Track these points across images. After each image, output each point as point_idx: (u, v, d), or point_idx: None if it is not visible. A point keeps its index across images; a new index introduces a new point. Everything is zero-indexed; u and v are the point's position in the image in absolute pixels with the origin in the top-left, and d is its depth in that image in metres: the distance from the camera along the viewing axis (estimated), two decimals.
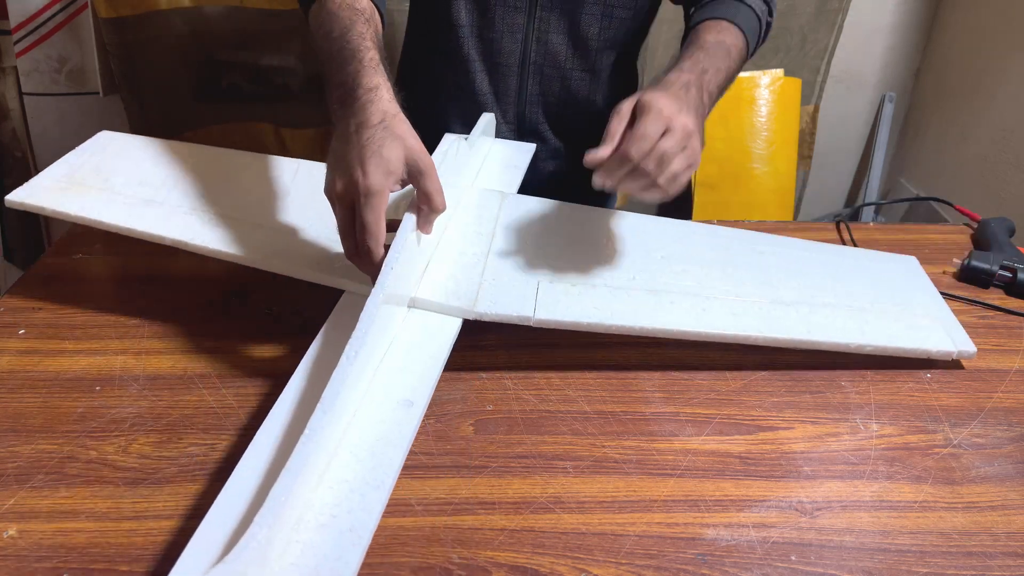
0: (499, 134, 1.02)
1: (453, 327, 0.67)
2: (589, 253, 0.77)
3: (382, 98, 0.63)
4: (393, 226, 0.64)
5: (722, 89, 0.75)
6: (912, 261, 0.87)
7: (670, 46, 1.82)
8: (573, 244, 0.78)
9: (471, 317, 0.68)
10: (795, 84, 2.00)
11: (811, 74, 2.02)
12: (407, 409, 0.58)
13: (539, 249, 0.76)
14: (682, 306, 0.71)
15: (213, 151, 0.87)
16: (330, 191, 0.62)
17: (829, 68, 2.02)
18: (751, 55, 0.83)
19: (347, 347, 0.55)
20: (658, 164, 0.64)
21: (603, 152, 0.64)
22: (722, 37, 0.78)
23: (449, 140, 0.87)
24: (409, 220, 0.64)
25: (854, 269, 0.83)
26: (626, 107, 0.66)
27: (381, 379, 0.60)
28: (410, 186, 0.64)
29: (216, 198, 0.78)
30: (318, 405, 0.51)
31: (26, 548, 0.52)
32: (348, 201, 0.60)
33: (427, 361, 0.63)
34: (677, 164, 0.64)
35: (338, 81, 0.66)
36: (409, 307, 0.68)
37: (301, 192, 0.82)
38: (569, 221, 0.83)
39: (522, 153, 0.97)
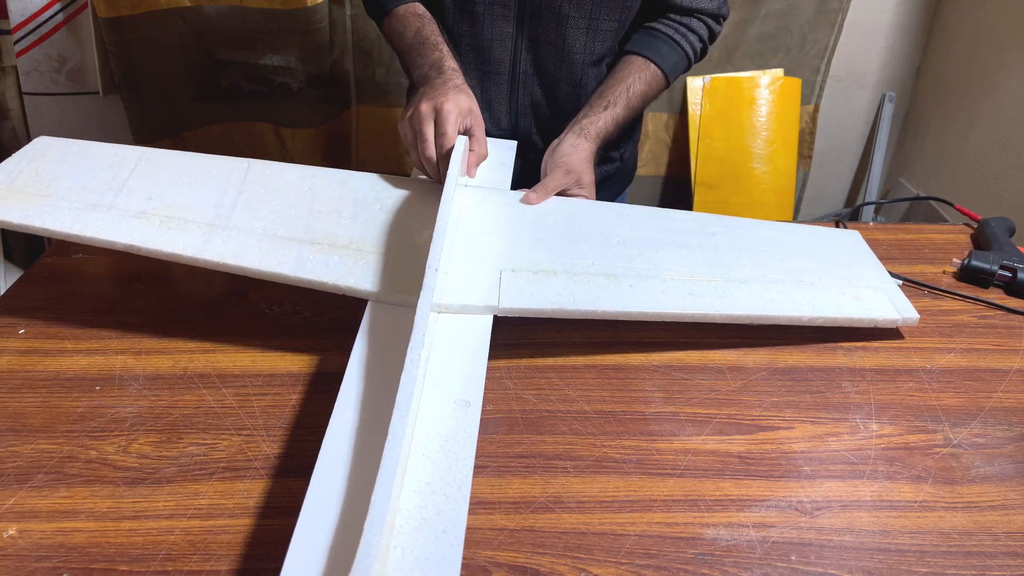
0: None
1: (485, 325, 0.67)
2: (552, 240, 0.78)
3: (459, 75, 0.87)
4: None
5: (621, 122, 0.97)
6: (855, 235, 0.90)
7: None
8: (534, 232, 0.79)
9: (499, 314, 0.68)
10: (795, 84, 2.00)
11: (811, 74, 2.03)
12: (466, 409, 0.58)
13: (501, 239, 0.77)
14: (641, 288, 0.73)
15: (157, 153, 0.84)
16: (413, 113, 0.81)
17: (829, 68, 2.02)
18: (675, 78, 1.03)
19: (409, 351, 0.55)
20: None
21: (536, 199, 0.84)
22: (635, 83, 0.98)
23: None
24: (461, 141, 0.80)
25: (801, 245, 0.86)
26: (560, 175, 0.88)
27: (431, 380, 0.60)
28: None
29: (166, 200, 0.76)
30: (394, 410, 0.51)
31: (26, 548, 0.52)
32: (429, 114, 0.79)
33: (471, 360, 0.63)
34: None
35: (420, 64, 0.89)
36: (438, 312, 0.68)
37: (254, 191, 0.80)
38: (527, 211, 0.83)
39: (506, 150, 0.98)
